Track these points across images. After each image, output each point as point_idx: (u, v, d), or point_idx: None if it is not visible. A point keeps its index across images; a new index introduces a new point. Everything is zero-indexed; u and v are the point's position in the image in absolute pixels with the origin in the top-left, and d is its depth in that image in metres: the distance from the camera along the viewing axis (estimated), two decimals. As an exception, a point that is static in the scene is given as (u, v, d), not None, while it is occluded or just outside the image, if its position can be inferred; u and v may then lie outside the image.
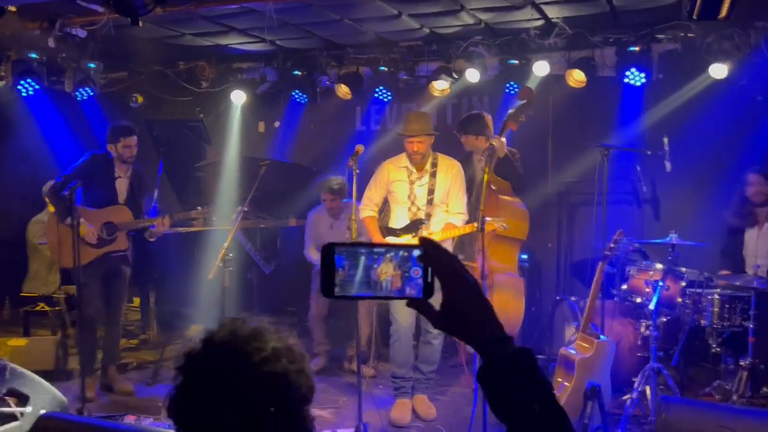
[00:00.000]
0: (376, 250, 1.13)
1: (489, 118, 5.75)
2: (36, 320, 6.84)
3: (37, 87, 6.29)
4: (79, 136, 7.32)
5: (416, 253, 1.11)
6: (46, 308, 6.71)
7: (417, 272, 1.11)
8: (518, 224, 5.05)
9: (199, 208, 5.68)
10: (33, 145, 7.17)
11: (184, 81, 7.78)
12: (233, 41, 7.01)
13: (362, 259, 1.13)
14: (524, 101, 5.21)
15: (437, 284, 1.13)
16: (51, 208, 6.35)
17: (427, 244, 1.12)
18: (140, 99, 7.80)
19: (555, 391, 3.61)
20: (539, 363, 1.10)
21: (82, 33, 5.99)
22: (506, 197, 5.62)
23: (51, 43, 5.89)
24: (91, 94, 6.81)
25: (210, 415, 1.27)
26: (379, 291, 1.12)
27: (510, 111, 5.21)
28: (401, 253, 1.13)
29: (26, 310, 6.70)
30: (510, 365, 1.06)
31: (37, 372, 4.10)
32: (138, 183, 5.54)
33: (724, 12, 2.96)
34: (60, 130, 7.35)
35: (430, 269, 1.11)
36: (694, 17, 3.08)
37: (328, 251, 1.13)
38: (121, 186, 5.42)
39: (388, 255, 1.13)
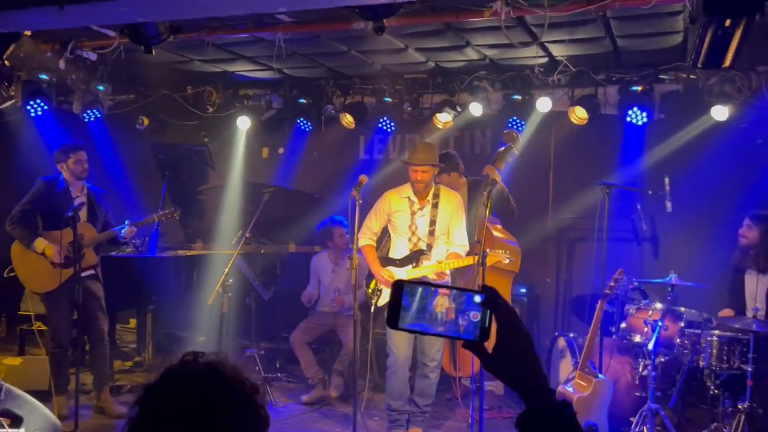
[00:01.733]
0: (439, 289, 1.20)
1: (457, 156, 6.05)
2: (32, 339, 6.80)
3: (45, 107, 6.36)
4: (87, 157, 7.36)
5: (477, 298, 1.17)
6: (43, 327, 6.67)
7: (476, 316, 1.17)
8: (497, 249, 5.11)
9: (161, 210, 5.70)
10: (40, 165, 7.20)
11: (191, 105, 7.85)
12: (241, 68, 7.10)
13: (421, 293, 1.19)
14: (509, 144, 5.53)
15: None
16: None
17: (490, 291, 1.19)
18: (146, 122, 7.86)
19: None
20: None
21: (92, 56, 6.07)
22: (498, 233, 5.71)
23: (62, 65, 5.97)
24: (99, 116, 6.88)
25: None
26: (434, 323, 1.18)
27: (498, 151, 5.54)
28: (463, 294, 1.19)
29: (22, 328, 6.67)
30: (552, 414, 1.13)
31: (31, 391, 4.07)
32: (96, 200, 5.55)
33: (728, 61, 3.02)
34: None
35: (489, 315, 1.16)
36: (699, 66, 3.14)
37: (398, 287, 1.20)
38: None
39: (445, 291, 1.19)
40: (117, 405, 5.52)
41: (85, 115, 6.75)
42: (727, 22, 2.67)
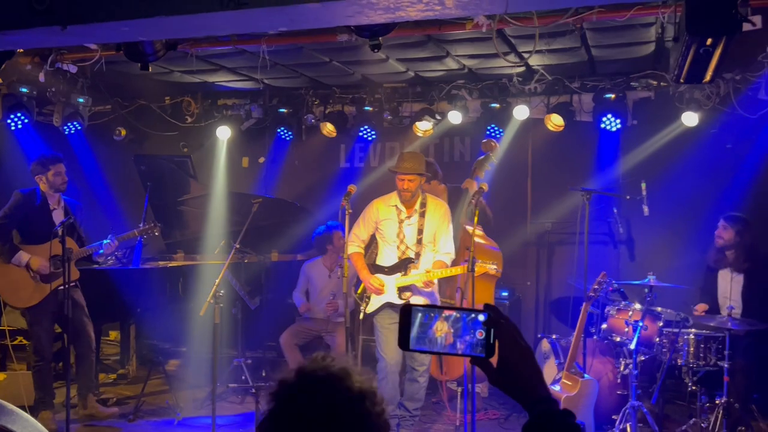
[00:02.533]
0: (444, 313, 1.29)
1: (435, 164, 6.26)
2: (15, 354, 6.73)
3: (26, 121, 6.31)
4: (66, 169, 7.31)
5: (481, 317, 1.26)
6: (25, 342, 6.61)
7: (481, 334, 1.26)
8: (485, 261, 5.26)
9: (141, 225, 5.71)
10: (21, 179, 7.14)
11: (169, 115, 7.84)
12: (221, 79, 7.13)
13: (421, 318, 1.29)
14: (488, 153, 5.87)
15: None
16: None
17: (492, 311, 1.27)
18: (123, 132, 7.82)
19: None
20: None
21: (73, 68, 6.05)
22: (480, 239, 5.85)
23: (42, 77, 5.94)
24: (79, 128, 6.84)
25: None
26: (434, 346, 1.28)
27: (477, 160, 5.90)
28: (462, 317, 1.28)
29: (3, 343, 6.59)
30: (555, 422, 1.22)
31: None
32: (71, 210, 5.54)
33: (708, 77, 3.20)
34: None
35: (492, 332, 1.26)
36: (682, 81, 3.31)
37: (406, 310, 1.29)
38: (58, 217, 5.41)
39: (443, 314, 1.28)
40: (103, 408, 5.51)
41: (65, 127, 6.71)
42: (709, 41, 2.85)
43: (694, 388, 5.30)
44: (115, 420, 5.58)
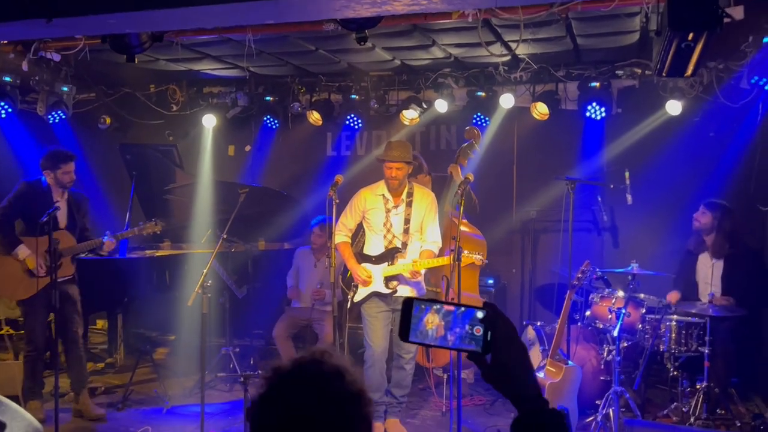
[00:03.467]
0: (444, 307, 1.31)
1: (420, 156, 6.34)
2: (0, 344, 6.73)
3: (10, 110, 6.25)
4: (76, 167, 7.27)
5: (480, 314, 1.28)
6: (11, 331, 6.61)
7: (478, 330, 1.28)
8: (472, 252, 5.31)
9: (141, 223, 5.67)
10: (5, 169, 7.09)
11: (154, 104, 7.80)
12: (207, 67, 7.09)
13: (416, 311, 1.31)
14: (471, 140, 5.95)
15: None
16: None
17: (490, 308, 1.29)
18: (108, 120, 7.78)
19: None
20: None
21: (56, 57, 5.99)
22: (465, 228, 5.91)
23: (25, 66, 5.89)
24: (63, 117, 6.78)
25: (284, 426, 1.39)
26: (425, 338, 1.31)
27: (460, 148, 6.01)
28: (459, 309, 1.31)
29: (-10, 334, 6.59)
30: (543, 420, 1.25)
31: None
32: (76, 205, 5.52)
33: (690, 71, 3.24)
34: (32, 153, 7.27)
35: (490, 329, 1.28)
36: (664, 75, 3.35)
37: (408, 303, 1.32)
38: (61, 211, 5.38)
39: (434, 306, 1.30)
40: (95, 407, 5.53)
41: (49, 116, 6.65)
42: (690, 36, 2.88)
43: (675, 373, 5.41)
44: (104, 408, 5.60)
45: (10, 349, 6.65)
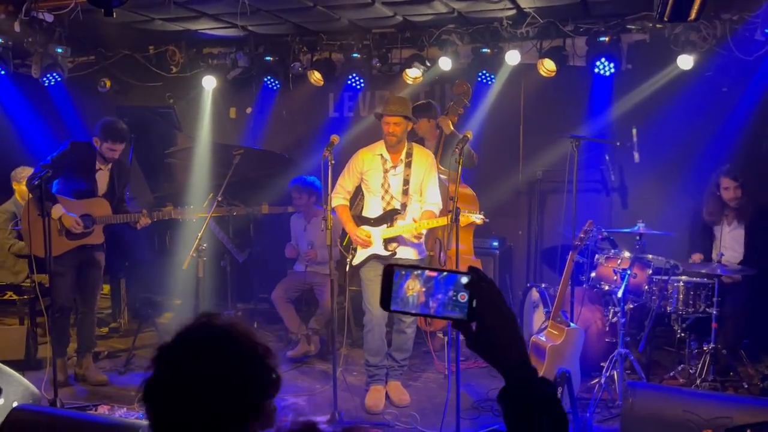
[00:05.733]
0: (426, 273, 1.22)
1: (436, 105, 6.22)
2: (3, 309, 6.74)
3: (3, 72, 6.15)
4: (47, 122, 7.20)
5: (464, 279, 1.19)
6: (15, 297, 6.60)
7: (463, 297, 1.19)
8: (471, 211, 5.17)
9: (176, 208, 5.63)
10: (2, 129, 7.04)
11: (154, 66, 7.69)
12: (204, 26, 6.93)
13: (396, 278, 1.22)
14: (460, 94, 5.82)
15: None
16: (18, 197, 6.23)
17: (475, 273, 1.20)
18: (108, 84, 7.68)
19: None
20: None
21: (49, 17, 5.86)
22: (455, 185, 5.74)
23: (17, 27, 5.76)
24: (59, 79, 6.67)
25: (177, 404, 1.34)
26: (407, 306, 1.22)
27: (450, 104, 5.88)
28: (441, 274, 1.21)
29: (-6, 299, 6.58)
30: (531, 389, 1.17)
31: (6, 361, 4.07)
32: (118, 174, 5.45)
33: (693, 14, 3.05)
34: (28, 117, 7.21)
35: (474, 295, 1.19)
36: (666, 19, 3.16)
37: (388, 271, 1.23)
38: (102, 178, 5.33)
39: (415, 273, 1.22)
40: (97, 372, 5.53)
41: (44, 79, 6.54)
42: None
43: (683, 335, 5.31)
44: (106, 372, 5.61)
45: (9, 315, 6.66)
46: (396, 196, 4.89)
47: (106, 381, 5.47)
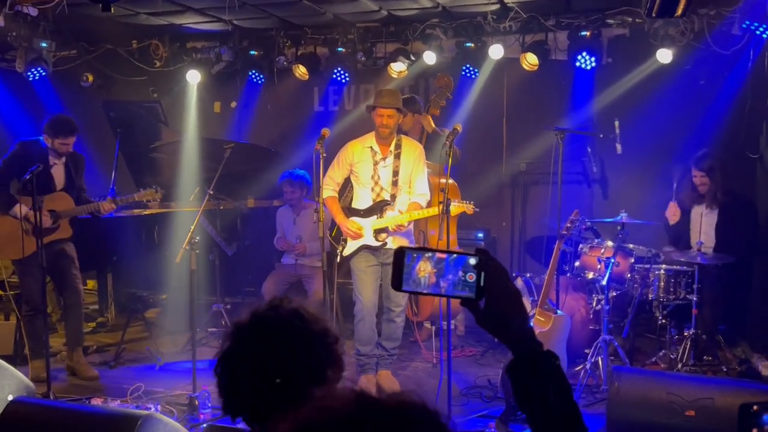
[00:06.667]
0: (436, 255, 1.30)
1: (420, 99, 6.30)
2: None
3: (-13, 67, 6.11)
4: (32, 116, 7.13)
5: (472, 261, 1.27)
6: (0, 293, 6.57)
7: (471, 276, 1.27)
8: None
9: (142, 190, 5.61)
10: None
11: (137, 60, 7.66)
12: (189, 20, 6.93)
13: (406, 259, 1.30)
14: (442, 87, 5.93)
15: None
16: None
17: (482, 254, 1.28)
18: (91, 78, 7.65)
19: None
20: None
21: (33, 11, 5.82)
22: (438, 178, 5.85)
23: (1, 21, 5.72)
24: (44, 73, 6.63)
25: (248, 378, 1.45)
26: (418, 287, 1.30)
27: (432, 97, 5.99)
28: (451, 255, 1.29)
29: (-22, 295, 6.54)
30: (537, 362, 1.25)
31: (-5, 357, 4.08)
32: (74, 165, 5.44)
33: (680, 10, 3.17)
34: (12, 112, 7.15)
35: (483, 275, 1.27)
36: (654, 15, 3.27)
37: (400, 253, 1.31)
38: (58, 172, 5.32)
39: (426, 255, 1.29)
40: (89, 367, 5.53)
41: (29, 73, 6.50)
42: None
43: (664, 321, 5.47)
44: (96, 366, 5.62)
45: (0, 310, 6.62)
46: (386, 188, 4.96)
47: (97, 377, 5.47)
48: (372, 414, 0.91)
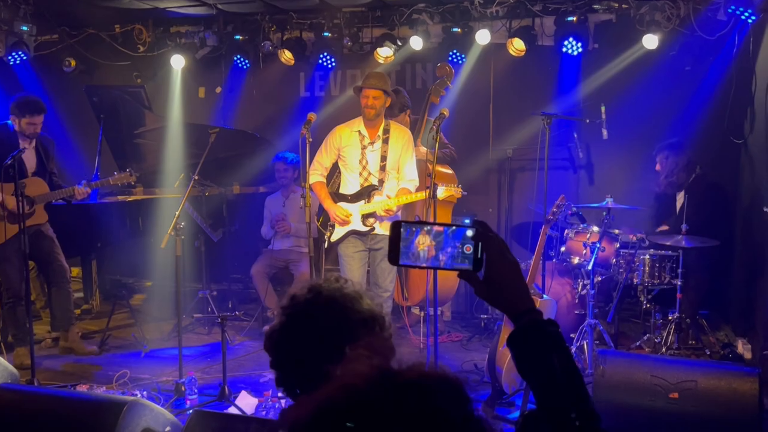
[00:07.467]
0: (434, 229, 1.29)
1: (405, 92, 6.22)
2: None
3: (-34, 51, 6.00)
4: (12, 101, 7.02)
5: (470, 232, 1.27)
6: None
7: (469, 249, 1.27)
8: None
9: (116, 173, 5.56)
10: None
11: (120, 44, 7.57)
12: (173, 4, 6.84)
13: (404, 233, 1.29)
14: (443, 76, 5.92)
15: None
16: None
17: (480, 225, 1.28)
18: (73, 63, 7.55)
19: (501, 348, 3.81)
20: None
21: (13, -6, 5.73)
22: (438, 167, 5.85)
23: (-20, 4, 5.62)
24: (24, 58, 6.53)
25: (302, 350, 1.50)
26: (417, 260, 1.30)
27: (432, 86, 6.01)
28: (449, 228, 1.29)
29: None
30: (539, 330, 1.25)
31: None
32: (44, 149, 5.39)
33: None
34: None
35: (480, 246, 1.26)
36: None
37: (396, 226, 1.30)
38: (29, 157, 5.26)
39: (425, 228, 1.29)
40: (84, 344, 5.51)
41: (9, 57, 6.40)
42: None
43: (648, 306, 5.51)
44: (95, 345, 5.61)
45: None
46: (374, 173, 4.95)
47: (96, 352, 5.48)
48: (394, 390, 0.91)
